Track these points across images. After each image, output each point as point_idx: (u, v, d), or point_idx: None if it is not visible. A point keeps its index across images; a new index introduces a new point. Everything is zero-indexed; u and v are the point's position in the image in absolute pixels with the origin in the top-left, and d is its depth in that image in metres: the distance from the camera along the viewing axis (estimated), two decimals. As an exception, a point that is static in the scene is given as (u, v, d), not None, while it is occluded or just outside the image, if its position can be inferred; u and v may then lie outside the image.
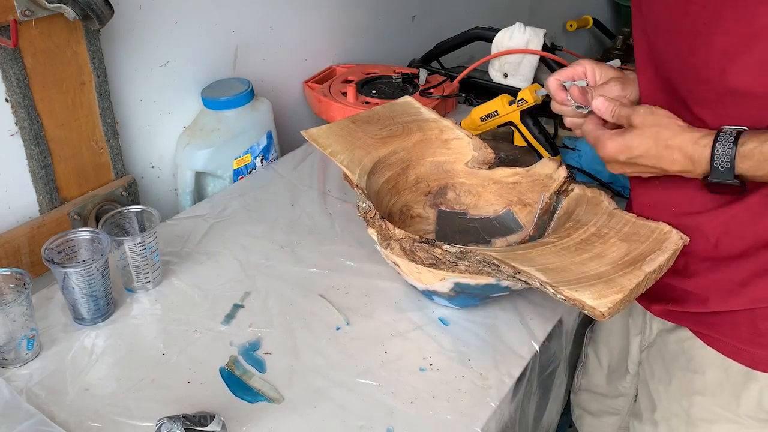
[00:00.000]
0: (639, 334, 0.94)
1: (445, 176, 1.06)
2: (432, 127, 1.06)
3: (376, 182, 0.98)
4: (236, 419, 0.76)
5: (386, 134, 1.03)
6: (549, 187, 0.96)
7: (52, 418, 0.75)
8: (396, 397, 0.80)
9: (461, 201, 1.05)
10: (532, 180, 0.99)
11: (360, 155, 0.98)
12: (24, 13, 0.89)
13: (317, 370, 0.84)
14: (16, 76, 0.93)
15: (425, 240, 0.81)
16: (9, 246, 0.98)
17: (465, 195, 1.05)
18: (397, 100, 1.13)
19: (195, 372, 0.83)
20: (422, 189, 1.05)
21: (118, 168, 1.12)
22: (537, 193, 0.99)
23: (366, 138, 1.02)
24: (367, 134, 1.03)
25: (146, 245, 0.93)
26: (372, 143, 1.01)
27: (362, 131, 1.03)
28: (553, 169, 0.97)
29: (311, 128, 1.02)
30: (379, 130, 1.04)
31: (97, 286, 0.88)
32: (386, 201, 1.00)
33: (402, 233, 0.83)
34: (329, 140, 1.00)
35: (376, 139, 1.02)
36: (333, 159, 0.97)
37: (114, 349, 0.87)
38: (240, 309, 0.94)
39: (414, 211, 1.04)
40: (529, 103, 1.19)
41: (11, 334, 0.82)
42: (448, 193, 1.06)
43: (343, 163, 0.96)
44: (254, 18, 1.34)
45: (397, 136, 1.03)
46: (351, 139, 1.01)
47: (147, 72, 1.16)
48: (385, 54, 1.72)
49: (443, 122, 1.06)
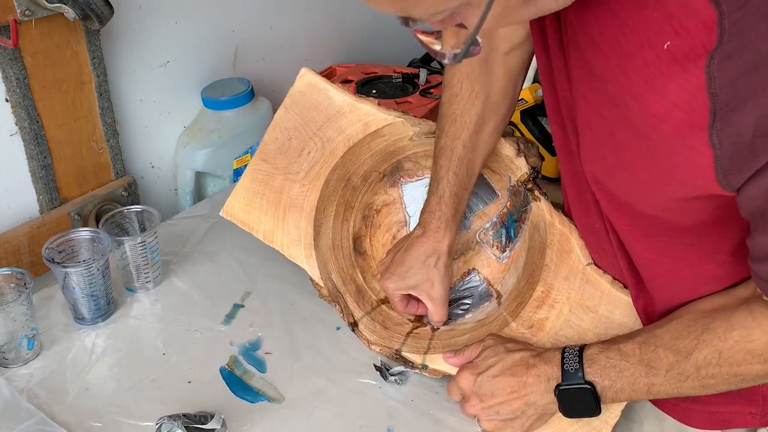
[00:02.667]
0: None
1: (392, 156, 0.93)
2: (353, 122, 0.89)
3: (325, 234, 0.89)
4: (236, 419, 0.76)
5: (308, 165, 0.89)
6: (513, 172, 0.88)
7: (52, 417, 0.75)
8: (396, 397, 0.80)
9: (422, 165, 0.93)
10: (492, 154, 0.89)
11: (294, 220, 0.88)
12: (24, 13, 0.89)
13: (317, 369, 0.84)
14: (16, 76, 0.93)
15: (400, 356, 0.82)
16: (9, 246, 0.98)
17: (424, 159, 0.93)
18: (296, 84, 0.90)
19: (195, 372, 0.83)
20: (374, 179, 0.94)
21: (118, 168, 1.12)
22: (501, 167, 0.90)
23: (290, 185, 0.89)
24: (287, 177, 0.89)
25: (146, 245, 0.93)
26: (299, 189, 0.89)
27: (281, 174, 0.90)
28: (511, 153, 0.87)
29: (228, 201, 0.91)
30: (298, 161, 0.89)
31: (98, 286, 0.88)
32: (345, 229, 0.92)
33: (379, 346, 0.83)
34: (252, 211, 0.89)
35: (300, 179, 0.89)
36: (273, 246, 0.88)
37: (114, 349, 0.87)
38: (240, 309, 0.94)
39: (377, 205, 0.95)
40: (529, 103, 1.19)
41: (12, 333, 0.82)
42: (405, 165, 0.94)
43: (283, 247, 0.87)
44: (254, 18, 1.34)
45: (319, 160, 0.89)
46: (274, 196, 0.89)
47: (147, 72, 1.15)
48: (385, 54, 1.71)
49: (362, 109, 0.89)
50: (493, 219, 0.91)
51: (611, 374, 0.66)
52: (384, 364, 0.83)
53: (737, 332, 0.62)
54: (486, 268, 0.91)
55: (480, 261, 0.91)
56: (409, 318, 0.89)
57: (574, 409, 0.69)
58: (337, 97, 0.89)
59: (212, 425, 0.72)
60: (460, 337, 0.85)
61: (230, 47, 1.31)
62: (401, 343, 0.85)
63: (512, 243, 0.89)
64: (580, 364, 0.67)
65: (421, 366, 0.82)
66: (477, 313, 0.88)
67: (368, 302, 0.90)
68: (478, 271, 0.91)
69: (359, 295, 0.90)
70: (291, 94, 0.91)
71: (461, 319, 0.88)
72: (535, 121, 1.21)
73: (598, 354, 0.68)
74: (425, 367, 0.82)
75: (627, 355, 0.67)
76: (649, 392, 0.66)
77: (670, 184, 0.57)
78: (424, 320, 0.88)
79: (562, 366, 0.69)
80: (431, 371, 0.82)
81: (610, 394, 0.67)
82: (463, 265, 0.92)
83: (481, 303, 0.89)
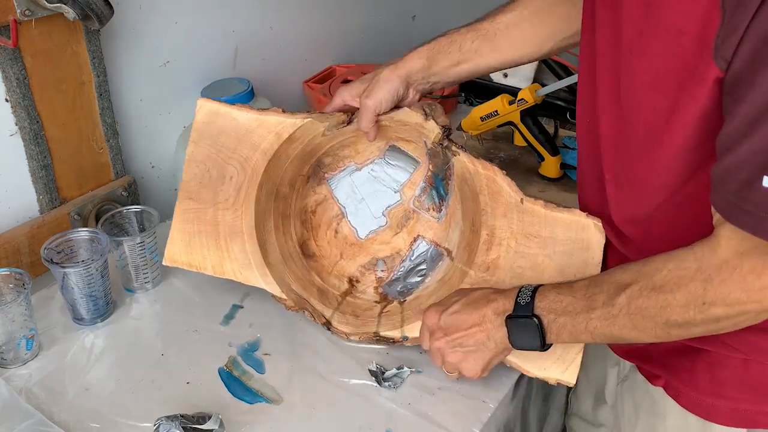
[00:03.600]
0: (616, 365, 0.90)
1: (310, 156, 0.94)
2: (264, 136, 0.88)
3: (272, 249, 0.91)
4: (235, 420, 0.76)
5: (234, 190, 0.88)
6: (426, 136, 0.90)
7: (51, 418, 0.75)
8: (394, 398, 0.80)
9: (341, 156, 0.96)
10: (401, 124, 0.91)
11: (239, 246, 0.88)
12: (24, 13, 0.89)
13: (316, 370, 0.84)
14: (15, 76, 0.93)
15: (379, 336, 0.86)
16: (9, 246, 0.98)
17: (340, 150, 0.96)
18: (198, 116, 0.89)
19: (194, 372, 0.83)
20: (300, 184, 0.96)
21: (118, 168, 1.12)
22: (414, 135, 0.92)
23: (222, 214, 0.89)
24: (217, 207, 0.89)
25: (146, 245, 0.93)
26: (232, 216, 0.88)
27: (210, 207, 0.89)
28: (419, 119, 0.88)
29: (167, 248, 0.90)
30: (222, 189, 0.89)
31: (97, 286, 0.88)
32: (288, 239, 0.94)
33: (356, 334, 0.87)
34: (193, 251, 0.89)
35: (230, 206, 0.89)
36: (224, 277, 0.88)
37: (113, 350, 0.87)
38: (239, 309, 0.94)
39: (311, 207, 0.97)
40: (529, 103, 1.19)
41: (10, 334, 0.82)
42: (325, 161, 0.96)
43: (235, 274, 0.88)
44: (254, 18, 1.34)
45: (243, 182, 0.88)
46: (211, 229, 0.89)
47: (147, 72, 1.15)
48: (385, 54, 1.71)
49: (269, 120, 0.87)
50: (422, 184, 0.95)
51: (557, 308, 0.68)
52: (378, 368, 0.83)
53: (673, 262, 0.61)
54: (429, 231, 0.96)
55: (422, 227, 0.96)
56: (375, 301, 0.93)
57: (521, 340, 0.71)
58: (241, 116, 0.88)
59: (210, 425, 0.72)
60: (427, 301, 0.88)
61: (230, 47, 1.31)
62: (376, 324, 0.87)
63: (445, 201, 0.94)
64: (532, 298, 0.69)
65: (402, 338, 0.85)
66: (435, 274, 0.92)
67: (332, 299, 0.92)
68: (422, 236, 0.96)
69: (322, 295, 0.92)
70: (195, 128, 0.90)
71: (423, 285, 0.92)
72: (535, 120, 1.21)
73: (550, 290, 0.69)
74: (406, 338, 0.85)
75: (575, 290, 0.68)
76: (587, 329, 0.66)
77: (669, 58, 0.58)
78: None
79: (516, 299, 0.70)
80: (413, 340, 0.85)
81: (554, 328, 0.68)
82: (407, 235, 0.97)
83: (435, 264, 0.93)
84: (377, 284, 0.95)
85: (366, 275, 0.96)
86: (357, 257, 0.97)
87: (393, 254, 0.97)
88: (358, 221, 0.98)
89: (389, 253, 0.97)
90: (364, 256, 0.97)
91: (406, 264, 0.95)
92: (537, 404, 0.96)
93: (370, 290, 0.95)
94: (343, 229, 0.98)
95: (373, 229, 0.98)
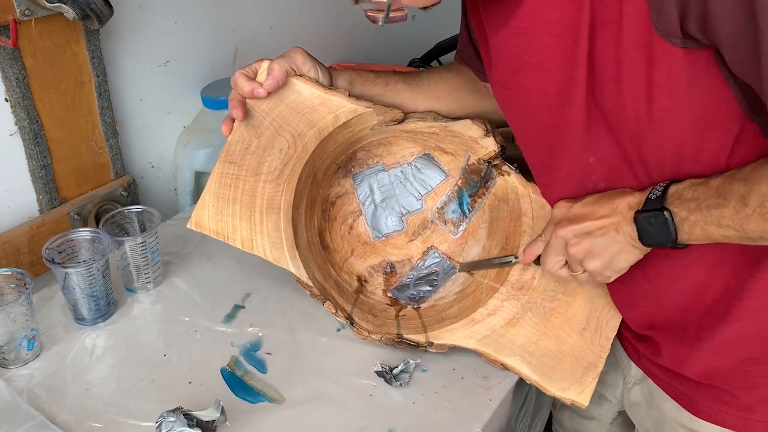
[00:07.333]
0: (625, 368, 0.89)
1: (351, 146, 0.92)
2: (324, 115, 0.84)
3: (301, 233, 0.88)
4: (237, 419, 0.76)
5: (281, 162, 0.84)
6: (476, 151, 0.89)
7: (52, 418, 0.75)
8: (397, 398, 0.80)
9: (373, 153, 0.95)
10: (452, 135, 0.89)
11: (273, 222, 0.83)
12: (24, 12, 0.89)
13: (318, 370, 0.84)
14: (15, 75, 0.93)
15: (402, 339, 0.85)
16: (9, 246, 0.98)
17: (375, 147, 0.94)
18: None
19: (196, 372, 0.83)
20: (332, 171, 0.94)
21: (118, 168, 1.12)
22: (460, 147, 0.91)
23: (263, 186, 0.84)
24: (259, 177, 0.84)
25: (147, 245, 0.93)
26: (273, 189, 0.84)
27: (251, 175, 0.84)
28: (479, 134, 0.87)
29: (195, 211, 0.83)
30: (269, 159, 0.84)
31: (98, 286, 0.88)
32: (311, 225, 0.92)
33: (378, 334, 0.86)
34: (224, 218, 0.83)
35: (274, 178, 0.84)
36: (253, 252, 0.83)
37: (114, 350, 0.87)
38: (240, 309, 0.94)
39: (332, 197, 0.95)
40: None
41: (12, 334, 0.82)
42: (357, 155, 0.94)
43: (264, 252, 0.83)
44: (254, 18, 1.34)
45: (292, 157, 0.84)
46: (248, 199, 0.83)
47: (147, 71, 1.15)
48: (385, 54, 1.71)
49: (333, 101, 0.83)
50: (444, 198, 0.95)
51: (690, 206, 0.65)
52: (384, 369, 0.83)
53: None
54: (444, 244, 0.96)
55: (437, 238, 0.96)
56: (387, 303, 0.93)
57: (651, 235, 0.67)
58: (305, 90, 0.83)
59: (210, 412, 0.72)
60: (448, 310, 0.89)
61: (230, 47, 1.31)
62: (396, 327, 0.87)
63: (467, 218, 0.94)
64: (664, 192, 0.67)
65: (427, 344, 0.85)
66: (450, 285, 0.93)
67: (348, 295, 0.91)
68: (436, 248, 0.96)
69: (339, 289, 0.91)
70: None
71: (435, 294, 0.93)
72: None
73: (685, 187, 0.66)
74: (431, 344, 0.84)
75: (710, 187, 0.64)
76: (719, 225, 0.63)
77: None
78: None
79: (647, 195, 0.68)
80: (438, 347, 0.84)
81: (686, 226, 0.65)
82: (421, 244, 0.97)
83: (448, 276, 0.94)
84: (385, 287, 0.95)
85: (375, 276, 0.95)
86: (368, 257, 0.96)
87: (404, 260, 0.96)
88: (374, 222, 0.97)
89: (400, 259, 0.96)
90: (374, 258, 0.96)
91: (414, 273, 0.95)
92: (531, 403, 0.96)
93: (379, 292, 0.94)
94: (358, 227, 0.97)
95: (388, 232, 0.97)
